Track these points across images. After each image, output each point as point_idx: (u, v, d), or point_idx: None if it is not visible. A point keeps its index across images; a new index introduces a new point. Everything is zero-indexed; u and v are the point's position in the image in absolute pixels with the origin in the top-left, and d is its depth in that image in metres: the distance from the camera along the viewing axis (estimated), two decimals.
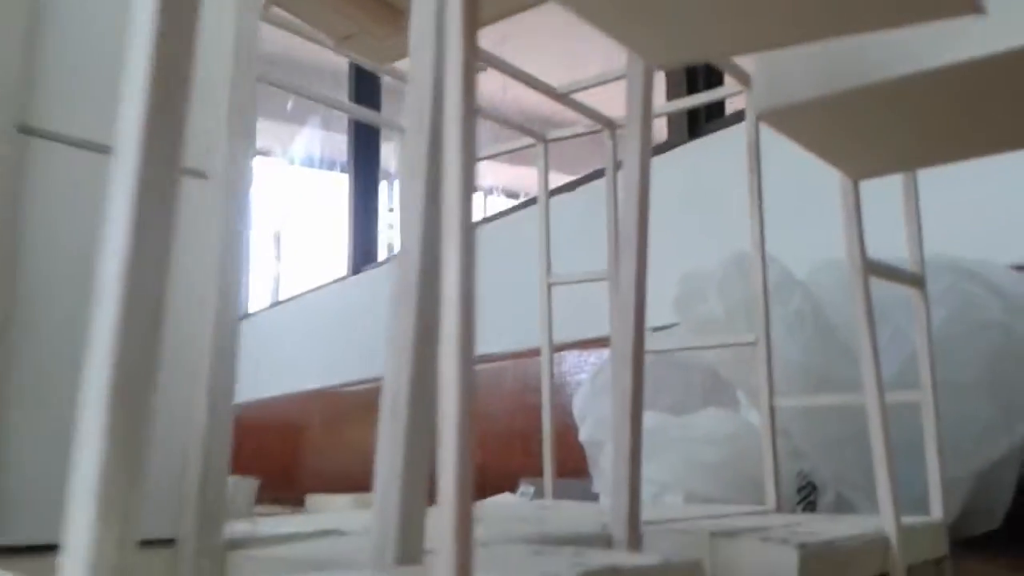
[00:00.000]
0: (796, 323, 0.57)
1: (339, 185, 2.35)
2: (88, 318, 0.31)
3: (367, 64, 0.53)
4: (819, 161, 0.41)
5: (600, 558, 0.28)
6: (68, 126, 0.31)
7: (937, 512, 0.46)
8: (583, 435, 0.82)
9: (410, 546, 0.27)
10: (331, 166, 3.28)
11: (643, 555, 0.29)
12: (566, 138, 0.63)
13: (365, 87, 2.10)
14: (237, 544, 0.34)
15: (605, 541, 0.37)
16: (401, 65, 0.53)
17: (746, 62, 0.53)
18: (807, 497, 0.66)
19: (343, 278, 2.20)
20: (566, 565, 0.27)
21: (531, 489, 1.25)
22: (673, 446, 0.67)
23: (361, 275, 2.14)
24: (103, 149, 0.32)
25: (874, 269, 0.43)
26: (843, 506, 0.64)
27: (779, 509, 0.52)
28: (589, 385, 0.83)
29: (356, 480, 1.68)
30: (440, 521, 0.22)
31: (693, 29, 0.28)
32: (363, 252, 2.19)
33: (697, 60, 0.29)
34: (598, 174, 1.38)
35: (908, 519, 0.44)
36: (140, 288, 0.22)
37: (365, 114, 0.74)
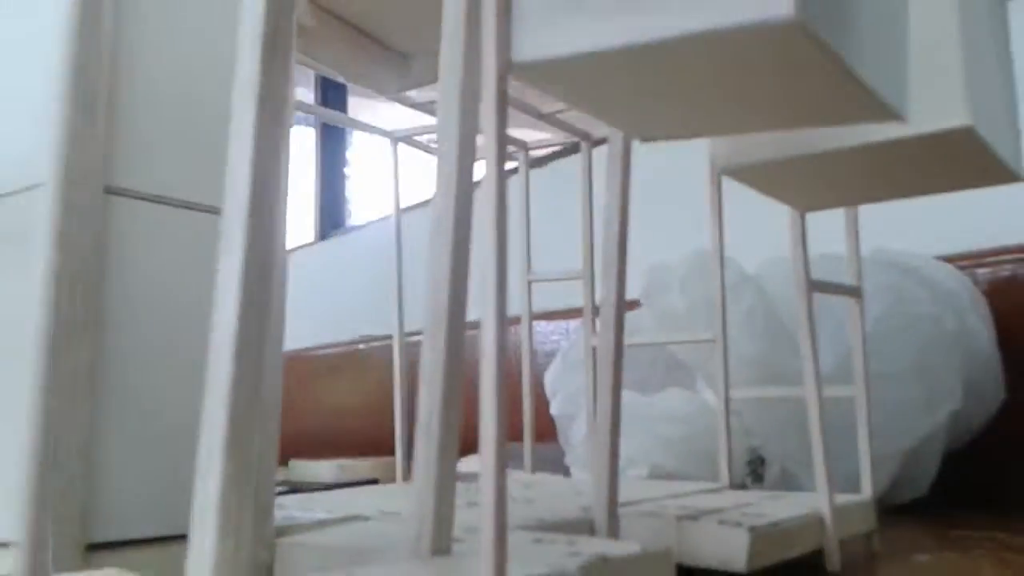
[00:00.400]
0: (748, 320, 0.64)
1: (306, 139, 2.36)
2: (164, 359, 0.36)
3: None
4: None
5: (590, 547, 0.35)
6: (142, 183, 0.37)
7: (867, 491, 0.54)
8: (554, 409, 0.89)
9: (442, 538, 0.34)
10: (297, 120, 3.27)
11: (623, 543, 0.36)
12: (545, 146, 0.69)
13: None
14: (281, 532, 0.40)
15: (588, 526, 0.44)
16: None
17: None
18: (756, 470, 0.73)
19: (310, 244, 2.24)
20: (564, 554, 0.34)
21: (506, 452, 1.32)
22: (639, 424, 0.74)
23: (328, 241, 2.18)
24: (174, 203, 0.37)
25: (817, 286, 0.50)
26: (787, 477, 0.72)
27: (731, 486, 0.60)
28: (560, 362, 0.90)
29: (327, 440, 1.74)
30: (482, 522, 0.28)
31: (668, 118, 0.34)
32: (330, 218, 2.23)
33: (672, 139, 0.35)
34: (573, 148, 1.44)
35: (841, 498, 0.51)
36: (248, 337, 0.27)
37: (334, 117, 0.79)
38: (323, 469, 1.06)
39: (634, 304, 0.79)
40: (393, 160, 0.68)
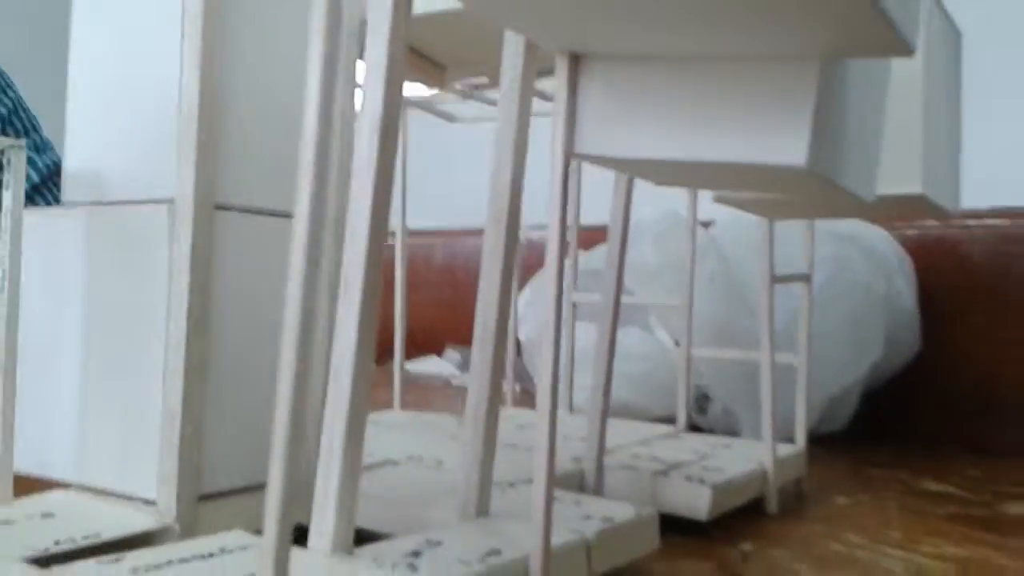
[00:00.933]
0: (710, 284, 0.73)
1: None
2: (257, 347, 0.44)
3: None
4: None
5: (594, 508, 0.44)
6: (238, 197, 0.43)
7: (801, 443, 0.64)
8: (522, 335, 0.98)
9: (483, 502, 0.42)
10: None
11: (619, 505, 0.45)
12: None
13: None
14: None
15: (577, 478, 0.53)
16: None
17: None
18: (701, 405, 0.84)
19: None
20: (577, 517, 0.43)
21: (457, 355, 1.42)
22: None
23: None
24: (263, 212, 0.44)
25: (777, 279, 0.59)
26: (727, 414, 0.83)
27: (688, 429, 0.70)
28: (530, 291, 0.98)
29: None
30: (533, 497, 0.36)
31: (686, 181, 0.42)
32: None
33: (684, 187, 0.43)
34: None
35: (780, 450, 0.61)
36: (367, 335, 0.35)
37: None
38: None
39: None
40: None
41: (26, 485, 0.44)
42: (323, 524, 0.35)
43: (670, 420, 0.76)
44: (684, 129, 0.34)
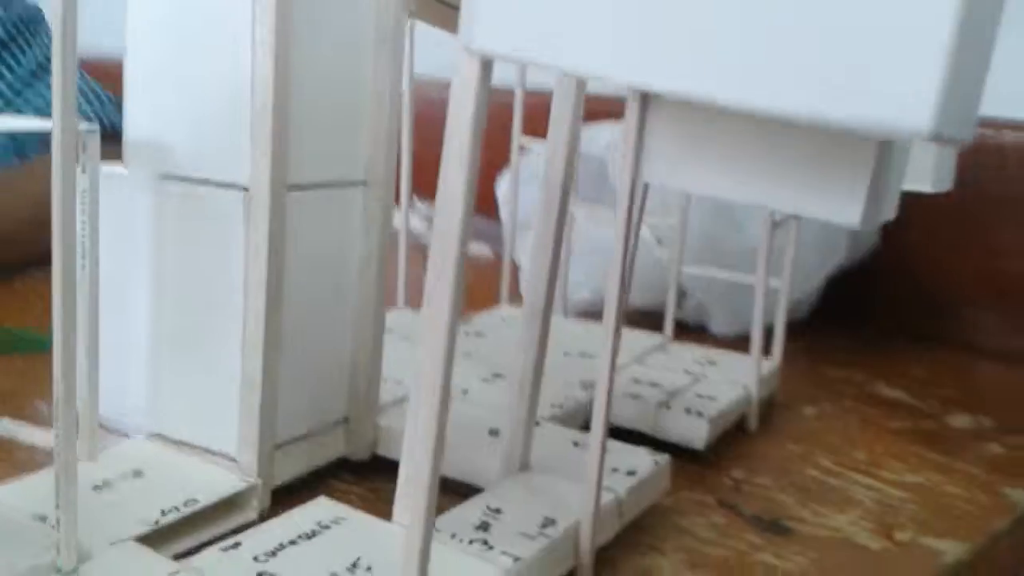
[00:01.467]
0: (705, 206, 0.78)
1: None
2: (323, 308, 0.47)
3: None
4: None
5: (619, 458, 0.50)
6: (306, 174, 0.46)
7: (778, 357, 0.71)
8: (504, 216, 1.02)
9: (525, 458, 0.48)
10: None
11: (639, 455, 0.51)
12: None
13: None
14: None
15: (589, 409, 0.59)
16: None
17: None
18: (678, 300, 0.90)
19: None
20: (606, 470, 0.49)
21: (424, 207, 1.45)
22: (591, 252, 0.88)
23: None
24: (329, 184, 0.47)
25: (776, 224, 0.64)
26: (700, 308, 0.89)
27: (673, 339, 0.76)
28: (511, 176, 1.01)
29: None
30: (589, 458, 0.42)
31: None
32: None
33: None
34: None
35: (763, 367, 0.68)
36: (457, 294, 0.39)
37: None
38: None
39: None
40: None
41: (102, 434, 0.48)
42: (407, 499, 0.40)
43: (650, 314, 0.82)
44: (742, 174, 0.37)
